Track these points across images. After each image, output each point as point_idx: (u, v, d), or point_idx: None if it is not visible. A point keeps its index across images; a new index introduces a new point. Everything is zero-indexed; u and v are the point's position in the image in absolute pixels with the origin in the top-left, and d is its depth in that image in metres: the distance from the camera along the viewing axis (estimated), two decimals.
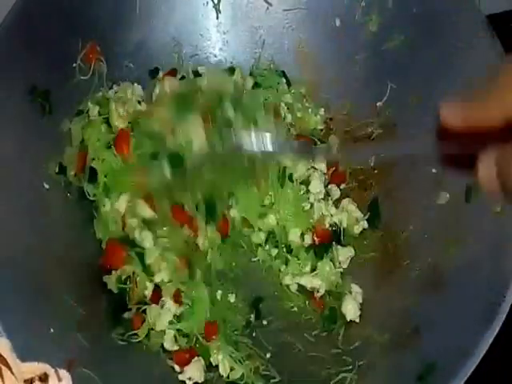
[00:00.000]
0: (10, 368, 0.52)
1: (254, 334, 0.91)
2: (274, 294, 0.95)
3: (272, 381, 0.86)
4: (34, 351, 0.63)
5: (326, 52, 1.04)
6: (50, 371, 0.54)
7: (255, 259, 0.96)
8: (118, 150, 0.93)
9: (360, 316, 0.90)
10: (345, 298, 0.90)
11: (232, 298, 0.93)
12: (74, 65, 0.94)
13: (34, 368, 0.54)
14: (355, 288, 0.92)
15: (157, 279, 0.88)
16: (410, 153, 0.66)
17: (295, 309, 0.94)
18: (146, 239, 0.89)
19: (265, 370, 0.87)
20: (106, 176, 0.93)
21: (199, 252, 0.91)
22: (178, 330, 0.87)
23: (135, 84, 1.00)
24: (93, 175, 0.93)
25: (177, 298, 0.88)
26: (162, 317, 0.86)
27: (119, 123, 0.94)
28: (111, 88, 0.99)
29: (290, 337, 0.90)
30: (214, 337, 0.87)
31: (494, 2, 1.07)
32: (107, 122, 0.95)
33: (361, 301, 0.91)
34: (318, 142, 1.02)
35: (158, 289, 0.89)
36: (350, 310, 0.89)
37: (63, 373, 0.55)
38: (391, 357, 0.81)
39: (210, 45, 1.07)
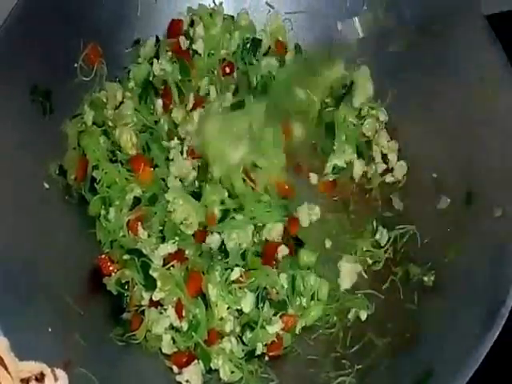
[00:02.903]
0: (5, 367, 0.52)
1: None
2: None
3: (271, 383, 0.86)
4: (31, 350, 0.63)
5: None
6: (47, 371, 0.54)
7: None
8: (136, 170, 0.93)
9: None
10: None
11: None
12: (76, 65, 0.94)
13: (31, 367, 0.54)
14: None
15: (155, 297, 0.87)
16: None
17: None
18: (155, 255, 0.88)
19: (263, 373, 0.86)
20: (108, 187, 0.93)
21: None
22: (176, 331, 0.87)
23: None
24: (93, 185, 0.92)
25: (179, 311, 0.86)
26: (161, 321, 0.86)
27: (133, 151, 0.94)
28: None
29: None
30: (215, 343, 0.86)
31: (494, 1, 1.07)
32: (105, 133, 0.95)
33: None
34: None
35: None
36: None
37: (60, 372, 0.55)
38: (390, 361, 0.80)
39: None
